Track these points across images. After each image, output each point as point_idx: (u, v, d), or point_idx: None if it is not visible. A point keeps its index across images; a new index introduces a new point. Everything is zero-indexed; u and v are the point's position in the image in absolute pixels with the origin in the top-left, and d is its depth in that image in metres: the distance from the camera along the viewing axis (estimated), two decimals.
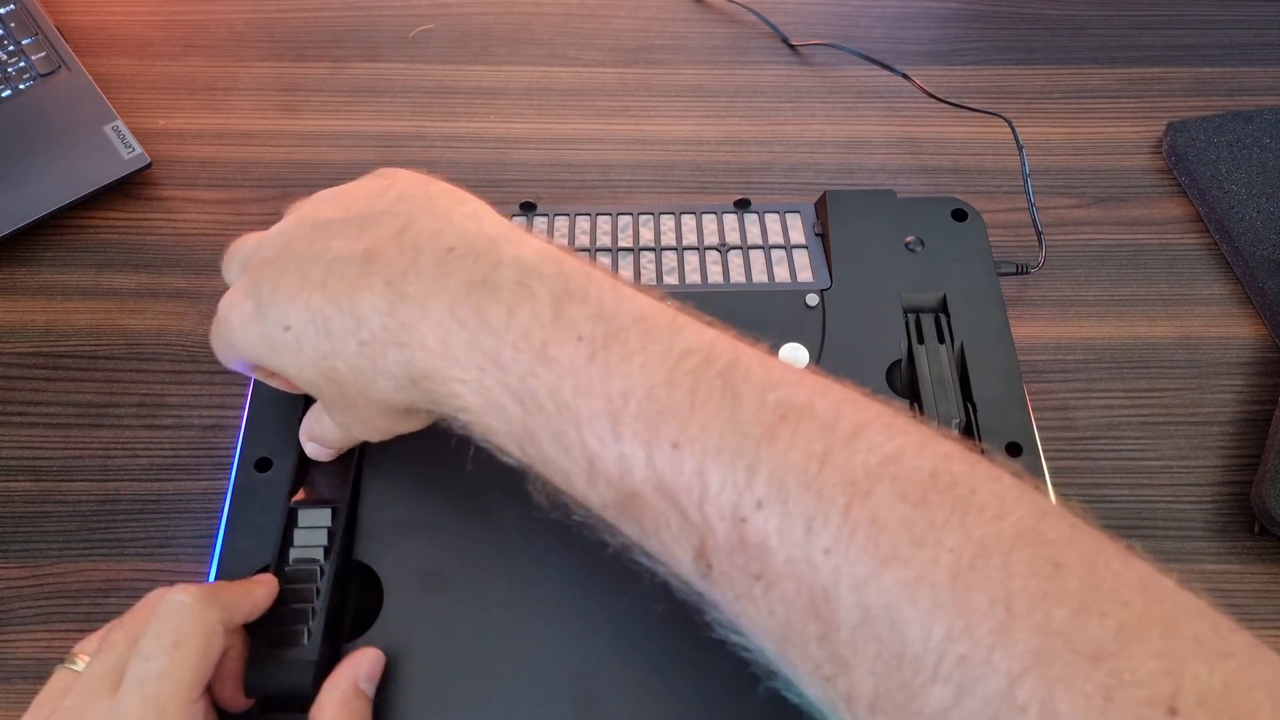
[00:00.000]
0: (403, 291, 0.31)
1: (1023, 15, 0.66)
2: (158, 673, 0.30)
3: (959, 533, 0.26)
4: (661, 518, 0.29)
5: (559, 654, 0.37)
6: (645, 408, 0.29)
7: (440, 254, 0.32)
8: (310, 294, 0.33)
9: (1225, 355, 0.51)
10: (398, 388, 0.33)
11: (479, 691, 0.36)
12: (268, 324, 0.34)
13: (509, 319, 0.30)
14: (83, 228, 0.55)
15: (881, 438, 0.28)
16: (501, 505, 0.40)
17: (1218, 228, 0.55)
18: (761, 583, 0.27)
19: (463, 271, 0.31)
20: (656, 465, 0.28)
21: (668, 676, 0.37)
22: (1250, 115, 0.58)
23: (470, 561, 0.39)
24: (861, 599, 0.26)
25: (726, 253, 0.49)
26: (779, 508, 0.27)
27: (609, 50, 0.64)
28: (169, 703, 0.30)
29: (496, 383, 0.31)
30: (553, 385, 0.30)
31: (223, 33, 0.64)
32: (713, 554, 0.28)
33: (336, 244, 0.33)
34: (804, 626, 0.27)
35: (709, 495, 0.28)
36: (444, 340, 0.31)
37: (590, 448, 0.29)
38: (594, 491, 0.30)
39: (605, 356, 0.29)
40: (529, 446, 0.31)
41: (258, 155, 0.58)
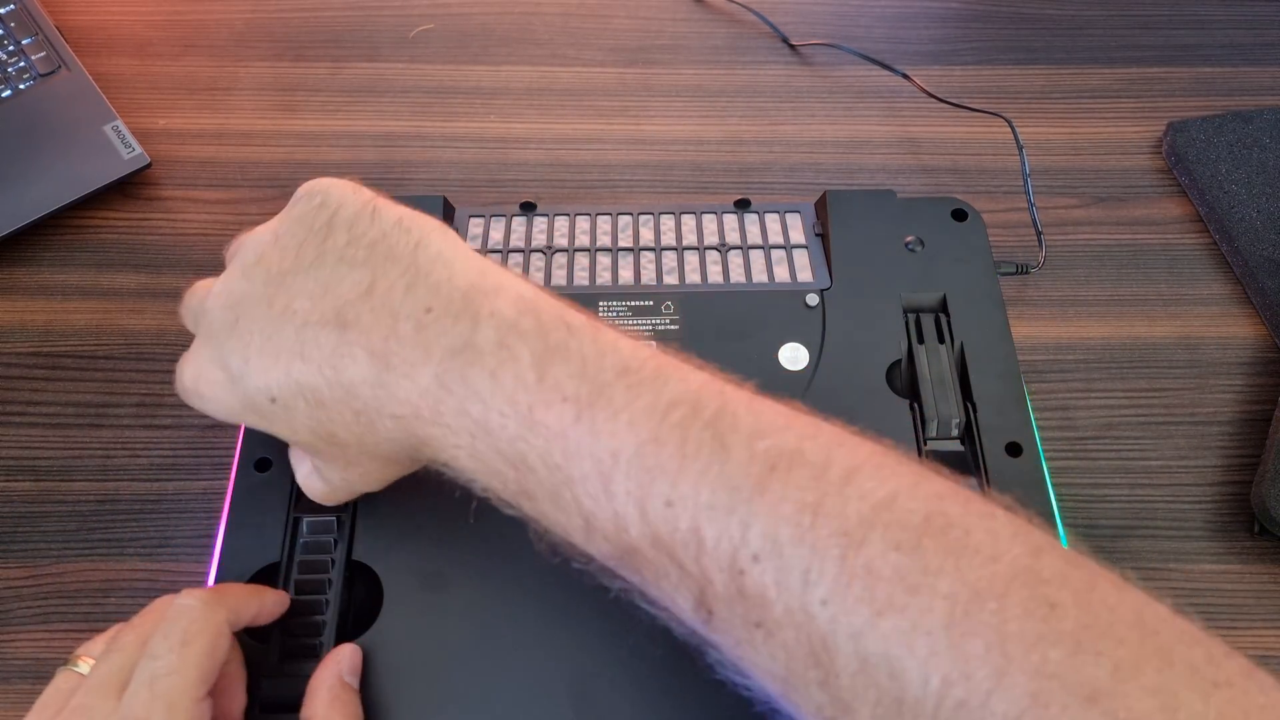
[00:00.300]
0: (387, 362, 0.31)
1: (1023, 15, 0.66)
2: (166, 670, 0.31)
3: (953, 578, 0.26)
4: (660, 570, 0.29)
5: (558, 654, 0.37)
6: (635, 466, 0.29)
7: (418, 316, 0.31)
8: (289, 363, 0.32)
9: (1225, 355, 0.51)
10: (399, 451, 0.33)
11: (478, 691, 0.36)
12: (249, 395, 0.33)
13: (494, 385, 0.30)
14: (82, 228, 0.55)
15: (873, 483, 0.28)
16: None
17: (1218, 228, 0.55)
18: (762, 630, 0.28)
19: (443, 336, 0.31)
20: (651, 522, 0.29)
21: (667, 677, 0.37)
22: (1250, 115, 0.58)
23: (470, 561, 0.39)
24: (859, 648, 0.26)
25: (726, 253, 0.49)
26: (774, 561, 0.27)
27: (609, 50, 0.64)
28: (177, 699, 0.30)
29: (488, 447, 0.31)
30: (542, 449, 0.30)
31: (223, 33, 0.64)
32: (713, 603, 0.28)
33: (300, 304, 0.32)
34: (805, 672, 0.27)
35: (705, 549, 0.28)
36: (435, 409, 0.31)
37: (585, 507, 0.30)
38: (593, 546, 0.31)
39: (591, 416, 0.29)
40: (527, 504, 0.32)
41: (258, 155, 0.58)
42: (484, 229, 0.50)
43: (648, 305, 0.46)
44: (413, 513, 0.40)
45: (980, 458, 0.42)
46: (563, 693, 0.36)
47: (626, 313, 0.46)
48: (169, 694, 0.30)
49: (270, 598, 0.36)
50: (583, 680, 0.36)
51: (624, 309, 0.46)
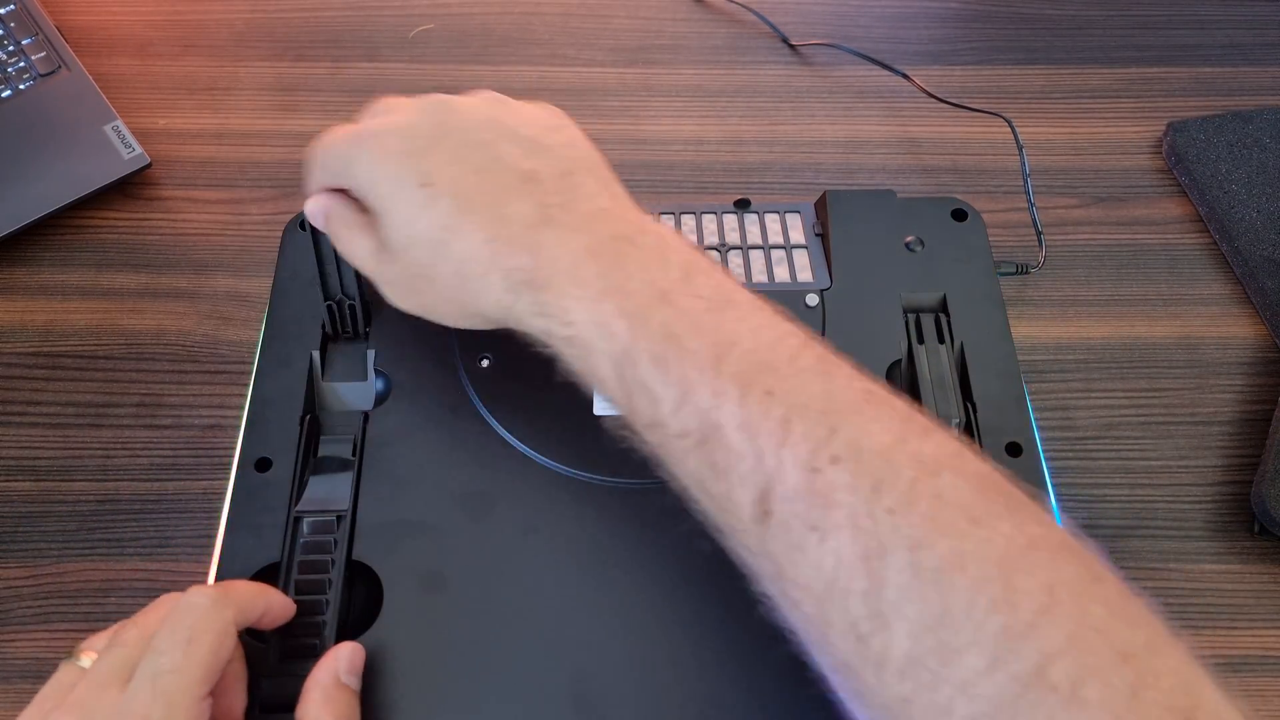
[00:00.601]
0: (550, 217, 0.34)
1: (1022, 15, 0.66)
2: (170, 667, 0.31)
3: (1011, 524, 0.28)
4: (735, 455, 0.30)
5: (558, 654, 0.37)
6: (748, 357, 0.31)
7: (594, 209, 0.35)
8: (463, 170, 0.35)
9: (1225, 355, 0.51)
10: (508, 288, 0.35)
11: (478, 691, 0.36)
12: (408, 169, 0.36)
13: (641, 268, 0.34)
14: (82, 228, 0.55)
15: (949, 439, 0.31)
16: (501, 505, 0.40)
17: (1218, 228, 0.55)
18: (816, 534, 0.29)
19: (609, 225, 0.35)
20: (747, 404, 0.30)
21: (667, 677, 0.37)
22: (1250, 115, 0.58)
23: (469, 561, 0.39)
24: (915, 559, 0.27)
25: (726, 253, 0.49)
26: (851, 465, 0.29)
27: (609, 50, 0.64)
28: (179, 697, 0.30)
29: (613, 306, 0.33)
30: (667, 318, 0.32)
31: (223, 33, 0.64)
32: (776, 501, 0.30)
33: (504, 147, 0.36)
34: (849, 582, 0.28)
35: (788, 441, 0.30)
36: (574, 265, 0.34)
37: (689, 377, 0.31)
38: (677, 419, 0.32)
39: (720, 314, 0.33)
40: (625, 368, 0.33)
41: (257, 155, 0.58)
42: None
43: None
44: (413, 513, 0.40)
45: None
46: (563, 693, 0.36)
47: None
48: (171, 691, 0.30)
49: (277, 600, 0.36)
50: (583, 680, 0.36)
51: None
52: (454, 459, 0.41)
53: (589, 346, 0.33)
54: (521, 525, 0.40)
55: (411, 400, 0.43)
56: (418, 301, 0.38)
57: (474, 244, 0.35)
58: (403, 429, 0.42)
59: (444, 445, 0.42)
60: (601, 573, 0.39)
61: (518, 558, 0.39)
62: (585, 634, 0.37)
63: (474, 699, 0.36)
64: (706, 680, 0.37)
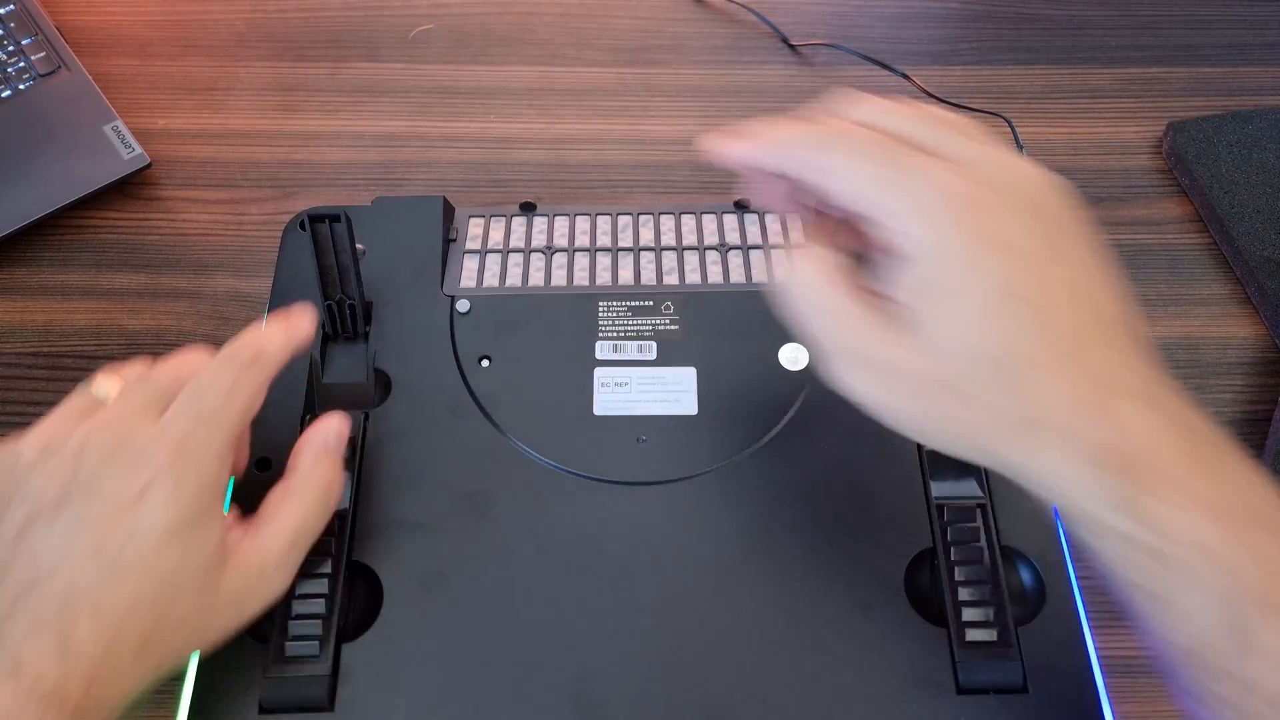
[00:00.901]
0: (1127, 384, 0.30)
1: (1023, 15, 0.66)
2: (214, 407, 0.34)
3: None
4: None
5: (558, 654, 0.37)
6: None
7: (1148, 371, 0.31)
8: (1051, 277, 0.30)
9: (1225, 355, 0.51)
10: (1084, 465, 0.29)
11: (478, 691, 0.36)
12: (987, 256, 0.29)
13: (1233, 474, 0.29)
14: (82, 228, 0.55)
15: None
16: (501, 505, 0.40)
17: (1218, 228, 0.55)
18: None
19: (1169, 401, 0.30)
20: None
21: (667, 676, 0.37)
22: (1250, 115, 0.58)
23: (469, 561, 0.39)
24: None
25: (726, 253, 0.49)
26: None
27: (609, 50, 0.64)
28: (217, 431, 0.34)
29: (1222, 530, 0.28)
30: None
31: (223, 33, 0.64)
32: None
33: (1082, 253, 0.32)
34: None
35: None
36: (1172, 461, 0.29)
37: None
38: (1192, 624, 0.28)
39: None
40: (1236, 613, 0.27)
41: (257, 155, 0.58)
42: (484, 229, 0.50)
43: (647, 305, 0.46)
44: (412, 513, 0.40)
45: None
46: (563, 693, 0.36)
47: (626, 313, 0.46)
48: (212, 425, 0.34)
49: (300, 335, 0.38)
50: (583, 680, 0.36)
51: (624, 309, 0.46)
52: (454, 459, 0.42)
53: (1183, 571, 0.27)
54: (521, 525, 0.40)
55: (411, 400, 0.43)
56: (916, 410, 0.30)
57: (1054, 393, 0.28)
58: (403, 429, 0.42)
59: (444, 445, 0.42)
60: (601, 573, 0.39)
61: (517, 558, 0.39)
62: (585, 634, 0.37)
63: (474, 699, 0.36)
64: (706, 680, 0.37)
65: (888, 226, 0.30)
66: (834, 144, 0.31)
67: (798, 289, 0.32)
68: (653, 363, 0.44)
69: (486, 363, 0.44)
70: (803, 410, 0.43)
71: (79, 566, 0.31)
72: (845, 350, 0.31)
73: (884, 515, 0.40)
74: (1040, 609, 0.38)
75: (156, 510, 0.32)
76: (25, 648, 0.30)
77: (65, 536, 0.31)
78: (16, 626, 0.30)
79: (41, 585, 0.30)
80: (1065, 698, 0.36)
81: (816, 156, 0.31)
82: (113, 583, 0.31)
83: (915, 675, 0.37)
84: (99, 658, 0.30)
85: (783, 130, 0.32)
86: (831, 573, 0.39)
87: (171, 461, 0.32)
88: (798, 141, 0.32)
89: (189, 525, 0.32)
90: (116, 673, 0.31)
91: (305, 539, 0.36)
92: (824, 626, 0.38)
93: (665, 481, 0.41)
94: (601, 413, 0.43)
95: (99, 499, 0.32)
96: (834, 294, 0.31)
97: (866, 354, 0.30)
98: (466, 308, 0.46)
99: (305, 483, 0.37)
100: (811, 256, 0.32)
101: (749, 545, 0.39)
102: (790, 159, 0.32)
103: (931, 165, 0.30)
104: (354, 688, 0.36)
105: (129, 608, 0.31)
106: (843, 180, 0.31)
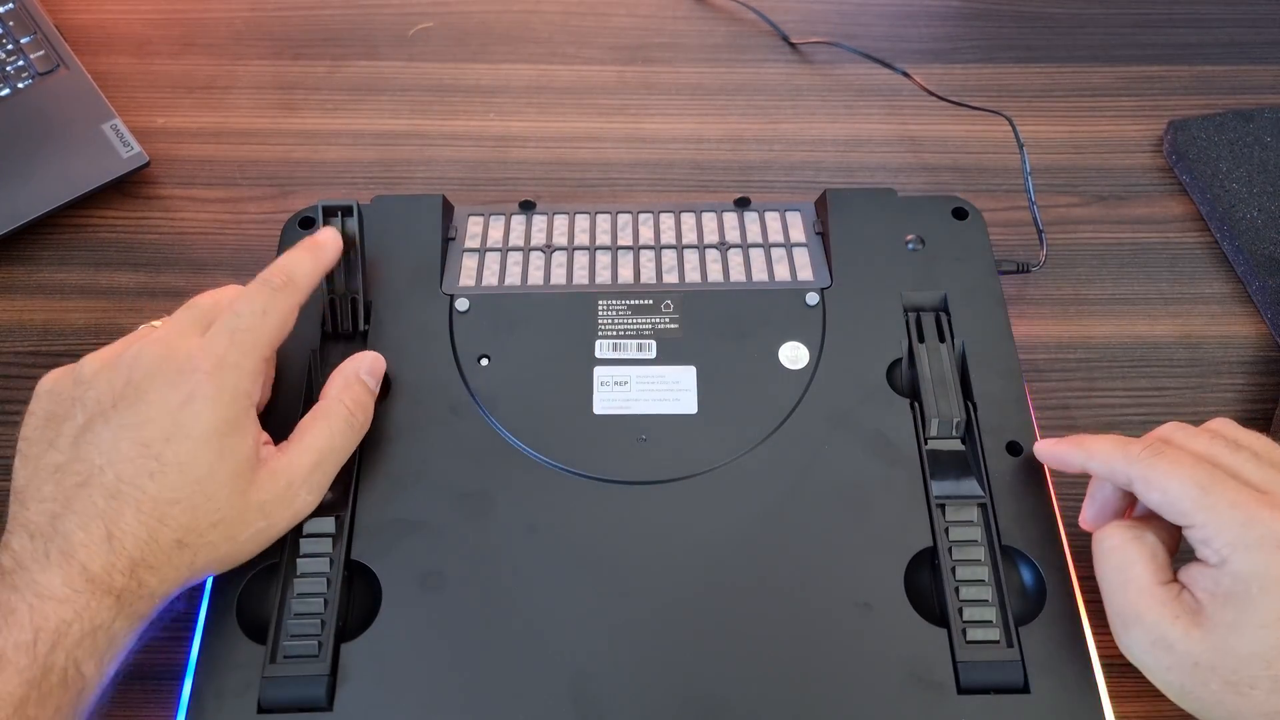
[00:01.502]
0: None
1: (1023, 13, 0.66)
2: (248, 326, 0.38)
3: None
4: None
5: (557, 653, 0.37)
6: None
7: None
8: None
9: (1226, 354, 0.51)
10: None
11: (478, 691, 0.36)
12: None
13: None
14: (81, 227, 0.55)
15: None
16: (500, 505, 0.40)
17: (1219, 226, 0.55)
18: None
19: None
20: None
21: (666, 676, 0.37)
22: (1251, 114, 0.58)
23: (468, 561, 0.39)
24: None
25: (726, 251, 0.49)
26: None
27: (609, 48, 0.64)
28: (252, 348, 0.38)
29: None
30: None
31: (221, 31, 0.64)
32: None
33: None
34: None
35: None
36: None
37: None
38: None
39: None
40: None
41: (256, 154, 0.58)
42: (483, 228, 0.50)
43: (647, 304, 0.46)
44: (412, 512, 0.40)
45: (980, 457, 0.41)
46: (562, 692, 0.36)
47: (626, 312, 0.46)
48: (245, 343, 0.37)
49: (327, 257, 0.42)
50: (582, 680, 0.36)
51: (623, 308, 0.46)
52: (453, 458, 0.41)
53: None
54: (520, 524, 0.40)
55: (410, 399, 0.43)
56: (1195, 692, 0.34)
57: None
58: (402, 428, 0.42)
59: (443, 445, 0.42)
60: (601, 572, 0.39)
61: (517, 557, 0.39)
62: (584, 634, 0.37)
63: (473, 698, 0.36)
64: (706, 680, 0.37)
65: (1200, 540, 0.34)
66: (1161, 460, 0.36)
67: (1114, 554, 0.36)
68: (652, 361, 0.44)
69: (485, 361, 0.44)
70: (803, 410, 0.43)
71: (126, 463, 0.35)
72: (1144, 627, 0.35)
73: (884, 515, 0.40)
74: (1040, 609, 0.38)
75: (196, 414, 0.35)
76: (77, 537, 0.33)
77: (115, 437, 0.35)
78: (72, 518, 0.34)
79: (94, 481, 0.34)
80: (1065, 698, 0.36)
81: (1143, 470, 0.36)
82: (155, 478, 0.35)
83: (915, 675, 0.37)
84: (141, 547, 0.34)
85: (1114, 443, 0.38)
86: (831, 573, 0.39)
87: (211, 372, 0.36)
88: (1130, 457, 0.37)
89: (224, 432, 0.36)
90: (157, 563, 0.34)
91: (332, 460, 0.39)
92: (824, 626, 0.38)
93: (665, 481, 0.41)
94: (601, 412, 0.43)
95: (146, 403, 0.36)
96: (1144, 573, 0.35)
97: (1164, 636, 0.34)
98: (465, 306, 0.46)
99: (334, 406, 0.39)
100: (1133, 533, 0.37)
101: (749, 545, 0.39)
102: (1118, 473, 0.37)
103: (1253, 499, 0.34)
104: (353, 687, 0.36)
105: (169, 501, 0.34)
106: (1164, 495, 0.35)
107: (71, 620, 0.32)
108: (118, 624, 0.34)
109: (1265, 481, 0.35)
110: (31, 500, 0.35)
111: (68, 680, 0.32)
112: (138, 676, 0.40)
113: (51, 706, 0.32)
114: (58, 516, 0.34)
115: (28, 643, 0.32)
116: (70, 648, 0.32)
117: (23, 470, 0.36)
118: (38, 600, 0.32)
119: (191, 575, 0.36)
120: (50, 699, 0.32)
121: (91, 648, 0.33)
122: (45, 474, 0.35)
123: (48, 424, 0.37)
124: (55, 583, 0.33)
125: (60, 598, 0.32)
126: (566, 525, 0.40)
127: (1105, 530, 0.37)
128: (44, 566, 0.33)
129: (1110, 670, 0.37)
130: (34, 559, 0.33)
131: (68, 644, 0.32)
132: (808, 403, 0.43)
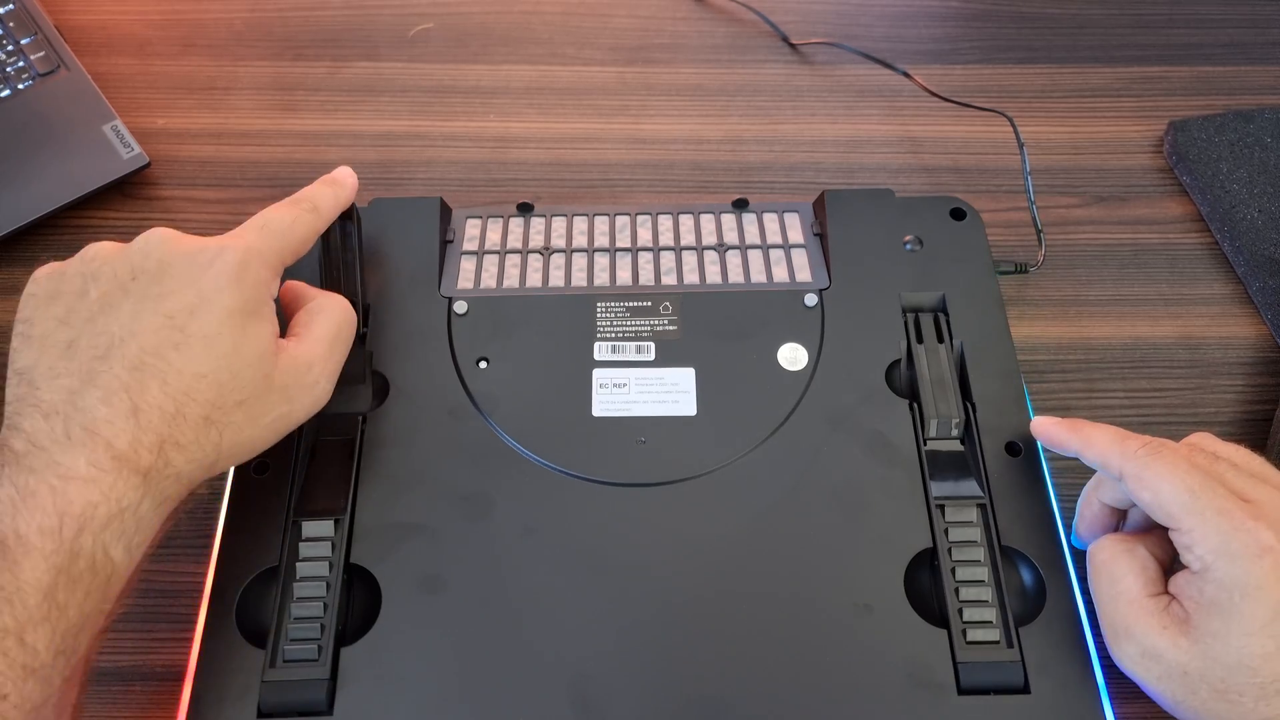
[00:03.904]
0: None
1: (1023, 14, 0.66)
2: (275, 229, 0.39)
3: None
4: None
5: (557, 656, 0.37)
6: None
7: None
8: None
9: (1226, 355, 0.51)
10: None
11: (478, 692, 0.36)
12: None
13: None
14: (82, 227, 0.55)
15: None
16: (499, 508, 0.40)
17: (1219, 227, 0.55)
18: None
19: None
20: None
21: (666, 677, 0.37)
22: (1252, 114, 0.58)
23: (468, 563, 0.39)
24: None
25: (725, 252, 0.49)
26: None
27: (609, 49, 0.64)
28: (278, 247, 0.38)
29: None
30: None
31: (222, 32, 0.64)
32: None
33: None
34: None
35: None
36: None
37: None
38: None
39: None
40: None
41: (257, 155, 0.58)
42: (481, 230, 0.50)
43: (646, 306, 0.46)
44: (411, 515, 0.40)
45: (980, 458, 0.41)
46: (562, 693, 0.36)
47: (625, 313, 0.46)
48: (272, 238, 0.38)
49: (346, 192, 0.43)
50: (582, 681, 0.36)
51: (622, 309, 0.46)
52: (452, 461, 0.41)
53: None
54: (520, 526, 0.40)
55: (409, 402, 0.43)
56: (1184, 701, 0.34)
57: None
58: (400, 431, 0.42)
59: (442, 447, 0.42)
60: (601, 574, 0.39)
61: (516, 559, 0.39)
62: (584, 635, 0.37)
63: (473, 701, 0.36)
64: (706, 682, 0.37)
65: (1184, 545, 0.34)
66: (1157, 460, 0.36)
67: (1105, 567, 0.37)
68: (651, 363, 0.44)
69: (484, 364, 0.44)
70: (802, 411, 0.43)
71: (150, 334, 0.34)
72: (1134, 638, 0.35)
73: (883, 516, 0.40)
74: (1040, 609, 0.38)
75: (221, 290, 0.35)
76: (100, 413, 0.32)
77: (136, 308, 0.34)
78: (93, 393, 0.32)
79: (115, 353, 0.33)
80: (1066, 698, 0.36)
81: (1137, 467, 0.36)
82: (180, 350, 0.34)
83: (915, 676, 0.37)
84: (169, 422, 0.33)
85: (1112, 435, 0.38)
86: (831, 573, 0.39)
87: (238, 251, 0.36)
88: (1125, 453, 0.36)
89: (246, 313, 0.36)
90: (183, 440, 0.33)
91: (342, 344, 0.40)
92: (824, 626, 0.38)
93: (665, 483, 0.41)
94: (600, 414, 0.43)
95: (170, 276, 0.35)
96: (1134, 585, 0.36)
97: (1153, 647, 0.34)
98: (464, 309, 0.46)
99: (325, 299, 0.40)
100: (1124, 546, 0.37)
101: (749, 547, 0.39)
102: (1111, 465, 0.37)
103: (1239, 508, 0.34)
104: (353, 691, 0.36)
105: (195, 375, 0.34)
106: (1155, 495, 0.35)
107: (98, 502, 0.31)
108: (145, 505, 0.32)
109: (1248, 490, 0.35)
110: (42, 379, 0.33)
111: (96, 565, 0.31)
112: (138, 679, 0.40)
113: (81, 592, 0.30)
114: (76, 392, 0.32)
115: (53, 527, 0.30)
116: (97, 531, 0.31)
117: (26, 350, 0.34)
118: (60, 482, 0.31)
119: (218, 458, 0.35)
120: (79, 584, 0.30)
121: (120, 530, 0.31)
122: (57, 350, 0.33)
123: (53, 301, 0.35)
124: (79, 462, 0.31)
125: (85, 477, 0.31)
126: (566, 528, 0.40)
127: (1098, 544, 0.38)
128: (65, 446, 0.31)
129: (1110, 670, 0.37)
130: (52, 439, 0.31)
131: (94, 527, 0.31)
132: (807, 404, 0.43)
